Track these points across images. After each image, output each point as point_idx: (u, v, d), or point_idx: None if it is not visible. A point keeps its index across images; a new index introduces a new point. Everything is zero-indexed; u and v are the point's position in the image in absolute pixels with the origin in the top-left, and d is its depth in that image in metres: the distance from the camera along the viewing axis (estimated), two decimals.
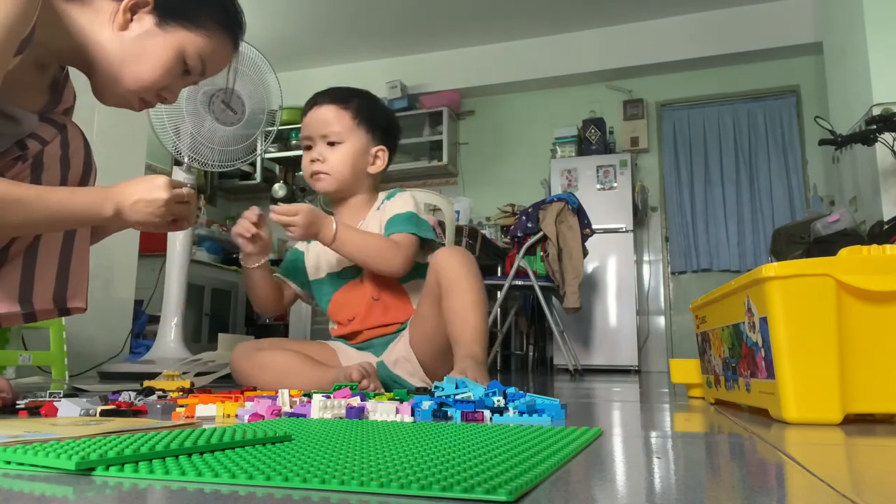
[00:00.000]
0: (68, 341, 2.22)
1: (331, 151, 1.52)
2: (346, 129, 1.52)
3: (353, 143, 1.52)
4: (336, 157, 1.51)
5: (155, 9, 0.94)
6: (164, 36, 0.95)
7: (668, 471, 0.57)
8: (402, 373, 1.47)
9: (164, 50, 0.95)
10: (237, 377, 1.50)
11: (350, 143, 1.52)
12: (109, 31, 0.92)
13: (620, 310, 4.40)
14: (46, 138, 0.99)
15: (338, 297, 1.57)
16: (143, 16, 0.94)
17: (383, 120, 1.58)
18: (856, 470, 0.60)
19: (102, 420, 0.80)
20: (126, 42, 0.93)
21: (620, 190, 4.49)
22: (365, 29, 5.06)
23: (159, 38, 0.95)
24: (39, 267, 1.00)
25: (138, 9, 0.93)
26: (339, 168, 1.52)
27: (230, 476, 0.46)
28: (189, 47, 0.98)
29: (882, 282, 0.89)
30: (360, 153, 1.53)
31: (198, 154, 2.33)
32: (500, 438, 0.66)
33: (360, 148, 1.53)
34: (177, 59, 0.97)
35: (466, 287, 1.33)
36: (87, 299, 1.03)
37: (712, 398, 1.33)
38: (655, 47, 4.93)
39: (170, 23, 0.95)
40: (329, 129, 1.51)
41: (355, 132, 1.52)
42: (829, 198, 4.21)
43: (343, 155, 1.52)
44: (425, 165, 5.32)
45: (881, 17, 3.32)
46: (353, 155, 1.52)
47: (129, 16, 0.92)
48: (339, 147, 1.52)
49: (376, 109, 1.58)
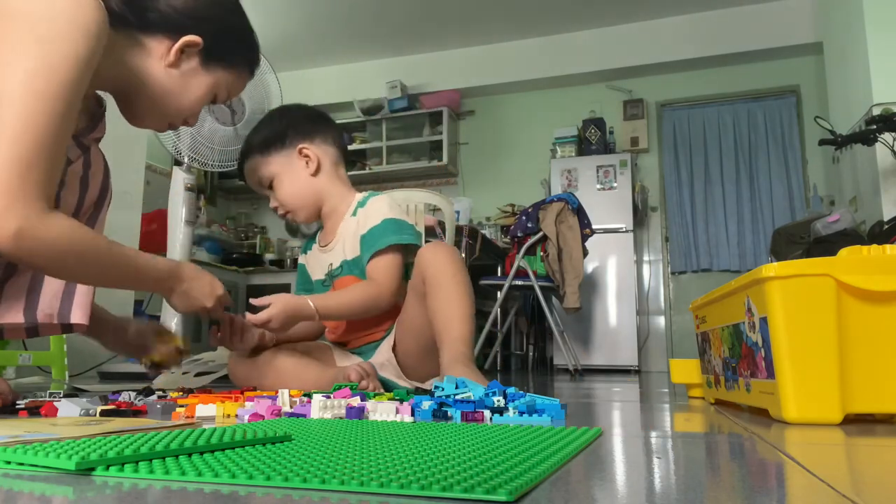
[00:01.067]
0: (68, 341, 2.22)
1: (276, 192, 1.54)
2: (263, 166, 1.53)
3: (278, 171, 1.53)
4: (280, 193, 1.54)
5: (203, 50, 1.02)
6: (206, 75, 1.04)
7: (668, 471, 0.57)
8: (389, 375, 1.46)
9: (205, 86, 1.05)
10: (234, 380, 1.50)
11: (278, 175, 1.53)
12: (160, 67, 1.00)
13: (620, 310, 4.40)
14: (71, 158, 1.02)
15: None
16: (191, 56, 1.02)
17: (282, 125, 1.55)
18: (856, 470, 0.60)
19: (102, 420, 0.80)
20: (174, 77, 1.01)
21: (620, 190, 4.49)
22: (365, 29, 5.06)
23: (202, 77, 1.04)
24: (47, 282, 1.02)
25: (189, 49, 1.01)
26: (290, 201, 1.54)
27: (230, 476, 0.46)
28: (222, 83, 1.08)
29: (882, 282, 0.89)
30: (288, 172, 1.53)
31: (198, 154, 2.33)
32: (500, 438, 0.66)
33: (285, 167, 1.53)
34: (210, 94, 1.07)
35: (452, 283, 1.31)
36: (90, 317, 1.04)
37: (712, 398, 1.33)
38: (655, 47, 4.93)
39: (212, 64, 1.04)
40: (255, 179, 1.55)
41: (270, 161, 1.53)
42: (829, 198, 4.21)
43: (282, 187, 1.53)
44: (425, 165, 5.32)
45: (881, 17, 3.32)
46: (289, 182, 1.53)
47: (179, 55, 1.00)
48: (276, 186, 1.54)
49: (268, 125, 1.57)
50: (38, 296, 1.01)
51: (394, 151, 5.43)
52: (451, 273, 1.32)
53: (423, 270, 1.35)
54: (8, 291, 1.00)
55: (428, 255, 1.36)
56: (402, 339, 1.45)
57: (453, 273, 1.33)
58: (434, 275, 1.33)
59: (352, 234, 1.53)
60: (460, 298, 1.31)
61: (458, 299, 1.31)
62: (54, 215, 0.85)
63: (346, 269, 1.53)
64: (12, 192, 0.79)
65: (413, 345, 1.44)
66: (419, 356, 1.44)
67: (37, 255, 0.84)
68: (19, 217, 0.80)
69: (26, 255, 0.84)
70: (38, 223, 0.82)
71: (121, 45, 0.95)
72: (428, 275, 1.34)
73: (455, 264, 1.34)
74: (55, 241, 0.84)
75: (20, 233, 0.81)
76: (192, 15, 0.99)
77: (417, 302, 1.39)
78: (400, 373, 1.45)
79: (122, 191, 2.90)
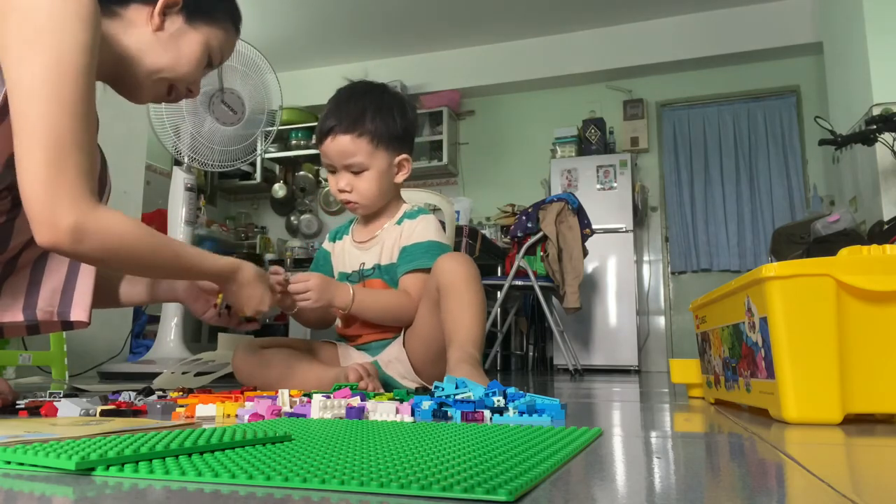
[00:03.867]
0: (68, 341, 2.22)
1: (357, 180, 1.49)
2: (367, 155, 1.47)
3: (377, 167, 1.49)
4: (363, 185, 1.49)
5: (183, 8, 1.03)
6: (194, 32, 1.05)
7: (668, 471, 0.56)
8: (394, 374, 1.47)
9: (196, 45, 1.05)
10: (239, 375, 1.50)
11: (374, 167, 1.49)
12: (147, 33, 1.00)
13: (620, 310, 4.40)
14: None
15: None
16: (173, 16, 1.03)
17: (400, 128, 1.52)
18: (856, 470, 0.60)
19: (102, 420, 0.80)
20: (163, 40, 1.02)
21: (620, 190, 4.49)
22: (365, 29, 5.06)
23: (191, 35, 1.05)
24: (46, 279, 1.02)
25: (169, 10, 1.01)
26: (368, 195, 1.51)
27: (230, 476, 0.46)
28: (213, 41, 1.08)
29: (882, 282, 0.89)
30: (384, 173, 1.51)
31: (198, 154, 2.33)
32: (500, 438, 0.66)
33: (385, 168, 1.50)
34: (204, 53, 1.07)
35: (465, 291, 1.32)
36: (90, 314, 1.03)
37: (712, 398, 1.33)
38: (655, 47, 4.93)
39: (196, 20, 1.05)
40: (351, 161, 1.48)
41: (376, 155, 1.48)
42: (829, 198, 4.21)
43: (370, 182, 1.49)
44: (425, 165, 5.32)
45: (881, 17, 3.32)
46: (378, 179, 1.50)
47: (162, 17, 1.01)
48: (364, 174, 1.49)
49: (390, 120, 1.51)
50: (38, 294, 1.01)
51: None
52: (466, 280, 1.33)
53: (438, 278, 1.36)
54: (7, 290, 1.00)
55: (445, 264, 1.36)
56: (411, 344, 1.46)
57: (468, 281, 1.34)
58: (449, 282, 1.34)
59: (392, 242, 1.53)
60: (472, 304, 1.32)
61: (471, 305, 1.32)
62: (104, 208, 0.86)
63: (376, 273, 1.54)
64: (59, 186, 0.80)
65: (422, 350, 1.45)
66: (427, 361, 1.45)
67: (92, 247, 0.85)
68: (72, 212, 0.81)
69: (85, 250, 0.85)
70: (91, 215, 0.83)
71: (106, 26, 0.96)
72: (443, 282, 1.34)
73: (471, 273, 1.35)
74: (108, 233, 0.85)
75: (77, 227, 0.82)
76: None
77: (430, 309, 1.40)
78: (410, 370, 1.46)
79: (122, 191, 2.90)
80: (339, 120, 1.47)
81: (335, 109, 1.50)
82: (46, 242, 0.83)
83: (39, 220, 0.81)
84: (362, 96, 1.51)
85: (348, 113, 1.48)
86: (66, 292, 1.02)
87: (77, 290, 1.03)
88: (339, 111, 1.49)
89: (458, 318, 1.31)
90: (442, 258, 1.39)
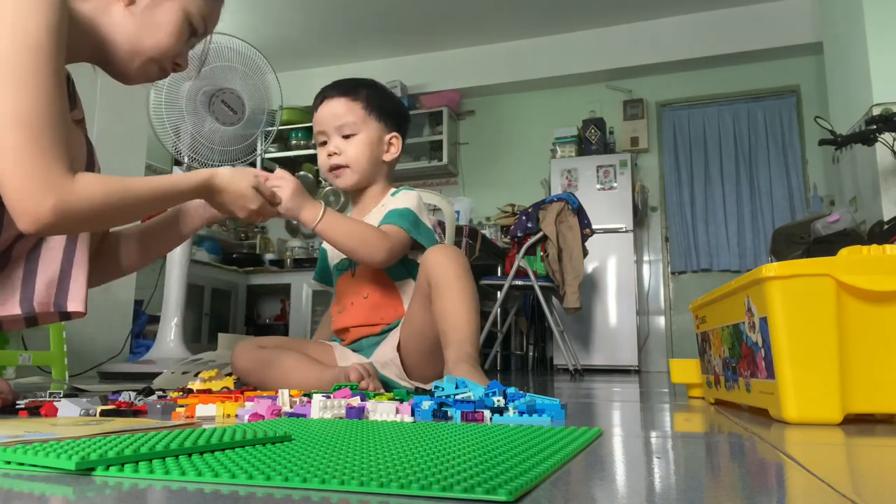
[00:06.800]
0: (68, 341, 2.22)
1: (347, 143, 1.53)
2: (360, 119, 1.52)
3: (367, 133, 1.53)
4: (353, 148, 1.52)
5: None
6: (169, 1, 1.02)
7: (668, 471, 0.56)
8: (390, 374, 1.46)
9: (173, 13, 1.02)
10: (238, 374, 1.50)
11: (365, 132, 1.53)
12: (119, 10, 0.98)
13: (620, 310, 4.40)
14: None
15: (338, 285, 1.60)
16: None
17: (393, 107, 1.59)
18: (856, 470, 0.60)
19: (102, 420, 0.80)
20: (137, 14, 0.99)
21: (620, 190, 4.49)
22: (365, 29, 5.06)
23: (165, 4, 1.01)
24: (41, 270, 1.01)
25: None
26: (357, 159, 1.53)
27: (230, 476, 0.46)
28: (192, 8, 1.04)
29: (882, 282, 0.89)
30: (375, 142, 1.54)
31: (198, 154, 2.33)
32: (500, 438, 0.66)
33: (375, 137, 1.54)
34: (185, 22, 1.03)
35: (457, 286, 1.31)
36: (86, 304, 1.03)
37: (712, 398, 1.33)
38: (655, 47, 4.93)
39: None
40: (342, 121, 1.52)
41: (368, 122, 1.53)
42: (829, 198, 4.21)
43: (360, 146, 1.52)
44: (425, 165, 5.32)
45: (881, 17, 3.32)
46: (369, 145, 1.53)
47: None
48: (354, 139, 1.53)
49: (385, 97, 1.59)
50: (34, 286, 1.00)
51: None
52: (457, 275, 1.33)
53: (428, 272, 1.36)
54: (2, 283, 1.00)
55: (434, 257, 1.36)
56: (406, 339, 1.45)
57: (459, 275, 1.33)
58: (440, 276, 1.33)
59: (378, 220, 1.53)
60: (465, 300, 1.31)
61: (464, 301, 1.31)
62: (80, 177, 0.86)
63: None
64: (33, 172, 0.80)
65: (417, 346, 1.44)
66: (423, 358, 1.44)
67: (78, 220, 0.86)
68: (51, 195, 0.81)
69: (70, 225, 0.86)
70: (69, 192, 0.83)
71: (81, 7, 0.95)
72: (434, 276, 1.34)
73: (461, 266, 1.34)
74: (91, 201, 0.85)
75: (57, 207, 0.82)
76: None
77: (422, 303, 1.39)
78: (402, 373, 1.45)
79: None
80: (335, 87, 1.56)
81: (330, 85, 1.58)
82: (31, 229, 0.83)
83: (20, 209, 0.82)
84: (357, 78, 1.60)
85: (345, 82, 1.56)
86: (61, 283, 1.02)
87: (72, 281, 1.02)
88: (335, 84, 1.57)
89: (452, 316, 1.30)
90: (432, 250, 1.38)
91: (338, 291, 1.60)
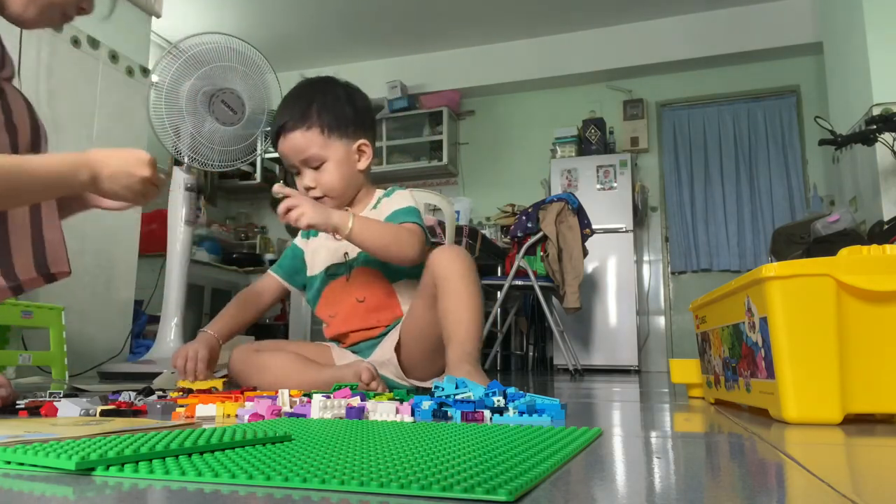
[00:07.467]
0: (68, 341, 2.22)
1: (319, 174, 1.49)
2: (321, 146, 1.47)
3: (334, 157, 1.48)
4: (325, 177, 1.49)
5: None
6: None
7: (668, 471, 0.56)
8: (388, 374, 1.46)
9: None
10: (236, 378, 1.50)
11: (332, 158, 1.48)
12: None
13: (620, 310, 4.40)
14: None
15: (326, 293, 1.57)
16: None
17: (350, 112, 1.51)
18: (856, 470, 0.60)
19: (102, 420, 0.80)
20: None
21: (620, 190, 4.49)
22: (365, 29, 5.06)
23: None
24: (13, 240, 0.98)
25: None
26: (333, 187, 1.49)
27: (230, 476, 0.46)
28: None
29: (882, 282, 0.89)
30: (344, 162, 1.50)
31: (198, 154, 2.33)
32: (500, 438, 0.66)
33: (343, 156, 1.50)
34: None
35: (462, 287, 1.31)
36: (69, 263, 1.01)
37: (712, 398, 1.33)
38: (655, 47, 4.93)
39: None
40: (306, 155, 1.47)
41: (330, 144, 1.48)
42: (829, 198, 4.21)
43: (331, 173, 1.49)
44: (425, 165, 5.32)
45: (881, 17, 3.32)
46: (339, 168, 1.49)
47: None
48: (323, 167, 1.48)
49: (339, 104, 1.50)
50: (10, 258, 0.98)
51: (394, 151, 5.43)
52: (462, 274, 1.33)
53: (434, 271, 1.35)
54: None
55: (440, 256, 1.36)
56: (407, 339, 1.45)
57: (464, 274, 1.33)
58: (446, 276, 1.33)
59: None
60: (470, 300, 1.31)
61: (468, 300, 1.31)
62: None
63: (364, 259, 1.52)
64: None
65: (418, 346, 1.44)
66: (423, 357, 1.44)
67: None
68: None
69: None
70: None
71: None
72: (439, 276, 1.34)
73: (467, 266, 1.34)
74: None
75: None
76: None
77: (426, 303, 1.39)
78: (400, 372, 1.45)
79: None
80: (287, 117, 1.49)
81: (282, 108, 1.52)
82: None
83: None
84: (308, 89, 1.53)
85: (296, 109, 1.49)
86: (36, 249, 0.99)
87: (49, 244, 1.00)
88: (286, 108, 1.51)
89: (456, 315, 1.30)
90: (438, 250, 1.38)
91: (327, 297, 1.57)
